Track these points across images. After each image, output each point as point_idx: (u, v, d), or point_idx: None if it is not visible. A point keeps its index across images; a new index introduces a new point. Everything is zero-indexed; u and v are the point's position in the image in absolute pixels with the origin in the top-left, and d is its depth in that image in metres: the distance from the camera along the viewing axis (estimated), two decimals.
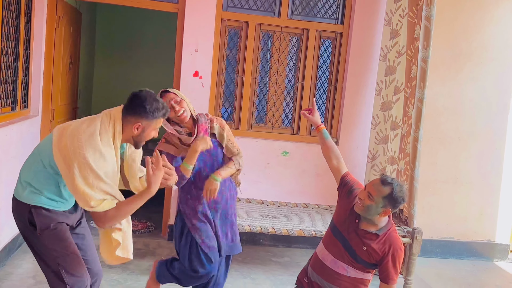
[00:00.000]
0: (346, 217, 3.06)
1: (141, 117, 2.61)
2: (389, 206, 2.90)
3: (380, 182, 2.90)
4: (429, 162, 5.33)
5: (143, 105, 2.59)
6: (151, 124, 2.65)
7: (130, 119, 2.63)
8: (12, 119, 4.39)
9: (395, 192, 2.86)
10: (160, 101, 2.63)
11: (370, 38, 5.31)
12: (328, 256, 3.09)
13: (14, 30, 4.36)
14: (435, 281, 4.90)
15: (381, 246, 2.96)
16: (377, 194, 2.87)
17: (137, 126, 2.62)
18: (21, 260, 4.40)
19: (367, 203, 2.89)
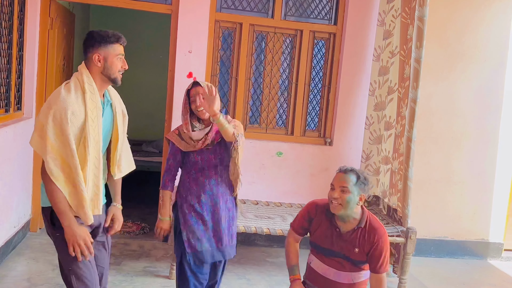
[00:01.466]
0: (327, 231, 3.07)
1: (95, 48, 2.65)
2: (361, 190, 2.96)
3: (343, 173, 2.98)
4: (422, 161, 5.35)
5: (92, 37, 2.67)
6: (109, 51, 2.67)
7: (89, 57, 2.66)
8: (6, 121, 4.38)
9: (361, 174, 2.96)
10: (109, 31, 2.71)
11: (364, 38, 5.33)
12: (329, 270, 3.09)
13: (7, 32, 4.35)
14: (430, 280, 4.92)
15: (368, 237, 2.98)
16: (348, 184, 2.92)
17: (97, 57, 2.64)
18: (15, 263, 4.39)
19: (345, 197, 2.92)
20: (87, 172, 2.55)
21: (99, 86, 2.69)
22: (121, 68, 2.75)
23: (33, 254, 4.62)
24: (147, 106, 8.33)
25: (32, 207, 5.08)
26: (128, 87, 8.39)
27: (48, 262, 4.44)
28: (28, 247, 4.75)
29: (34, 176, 5.06)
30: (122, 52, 2.75)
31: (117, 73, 2.72)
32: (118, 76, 2.73)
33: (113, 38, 2.69)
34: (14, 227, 4.62)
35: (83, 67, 2.66)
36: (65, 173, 2.50)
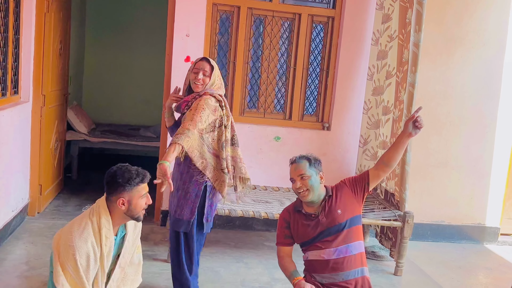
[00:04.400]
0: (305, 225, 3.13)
1: (120, 192, 2.63)
2: (318, 170, 3.11)
3: (295, 163, 3.11)
4: (420, 146, 5.35)
5: (116, 181, 2.62)
6: (133, 194, 2.64)
7: (112, 199, 2.66)
8: (3, 105, 4.36)
9: (311, 157, 3.13)
10: (132, 170, 2.64)
11: (362, 22, 5.30)
12: (329, 251, 3.11)
13: (2, 15, 4.31)
14: (426, 264, 4.95)
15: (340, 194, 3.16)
16: (304, 170, 3.06)
17: (121, 202, 2.64)
18: (14, 247, 4.40)
19: (308, 184, 3.05)
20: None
21: (119, 223, 2.73)
22: (145, 205, 2.73)
23: (31, 238, 4.63)
24: (145, 91, 8.30)
25: (30, 191, 5.08)
26: (125, 72, 8.38)
27: (47, 246, 4.45)
28: (26, 231, 4.76)
29: (32, 160, 5.06)
30: (147, 189, 2.71)
31: (141, 212, 2.72)
32: (141, 214, 2.73)
33: (138, 180, 2.64)
34: (12, 211, 4.62)
35: (104, 209, 2.66)
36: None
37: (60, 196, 5.87)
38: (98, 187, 6.23)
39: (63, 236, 2.63)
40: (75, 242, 2.56)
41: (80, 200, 5.82)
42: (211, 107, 3.39)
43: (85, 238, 2.59)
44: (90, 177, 6.79)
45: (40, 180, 5.19)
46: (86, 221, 2.64)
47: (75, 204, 5.67)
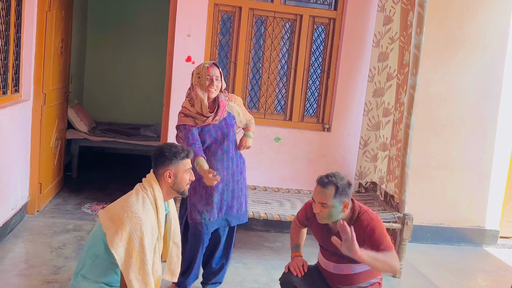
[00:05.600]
0: (322, 233, 3.12)
1: (167, 165, 2.80)
2: (344, 198, 2.91)
3: (321, 187, 2.90)
4: (420, 148, 5.35)
5: (163, 155, 2.80)
6: (179, 168, 2.81)
7: (160, 173, 2.81)
8: (3, 103, 4.36)
9: (340, 185, 2.88)
10: (178, 146, 2.84)
11: (363, 24, 5.30)
12: (329, 264, 3.15)
13: (4, 13, 4.31)
14: (426, 266, 4.95)
15: (359, 228, 2.93)
16: (327, 199, 2.88)
17: (168, 174, 2.80)
18: (13, 245, 4.40)
19: (326, 212, 2.91)
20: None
21: (166, 198, 2.86)
22: (189, 181, 2.88)
23: (30, 236, 4.63)
24: (145, 90, 8.30)
25: (30, 189, 5.08)
26: (126, 71, 8.38)
27: (46, 244, 4.46)
28: (25, 229, 4.77)
29: (32, 159, 5.06)
30: (190, 165, 2.88)
31: (186, 186, 2.88)
32: (186, 189, 2.89)
33: (183, 154, 2.82)
34: (12, 209, 4.62)
35: (154, 182, 2.80)
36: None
37: (60, 195, 5.87)
38: (98, 186, 6.31)
39: (120, 210, 2.71)
40: (140, 214, 2.68)
41: (80, 198, 5.82)
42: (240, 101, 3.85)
43: (147, 210, 2.72)
44: (90, 176, 6.79)
45: (40, 179, 5.19)
46: (143, 194, 2.76)
47: (75, 202, 5.67)
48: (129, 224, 2.65)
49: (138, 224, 2.65)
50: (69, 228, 4.88)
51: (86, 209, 5.50)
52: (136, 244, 2.64)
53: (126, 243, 2.63)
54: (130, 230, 2.65)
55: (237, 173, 3.71)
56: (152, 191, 2.78)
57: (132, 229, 2.65)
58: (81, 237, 4.70)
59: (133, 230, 2.64)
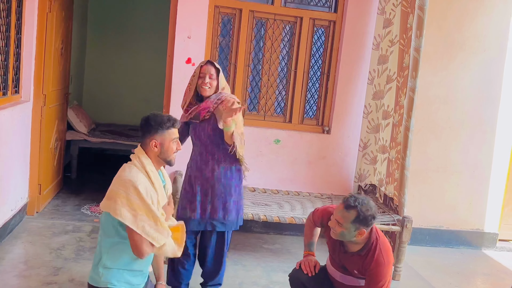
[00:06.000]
0: (334, 245, 3.14)
1: (152, 134, 2.80)
2: (362, 227, 2.89)
3: (344, 208, 2.89)
4: (420, 151, 5.36)
5: (149, 124, 2.80)
6: (165, 137, 2.81)
7: (147, 142, 2.81)
8: (3, 104, 4.36)
9: (362, 214, 2.85)
10: (164, 116, 2.83)
11: (363, 27, 5.31)
12: (336, 272, 3.19)
13: (5, 14, 4.32)
14: (424, 269, 4.95)
15: (366, 265, 2.96)
16: (344, 221, 2.88)
17: (154, 143, 2.79)
18: (12, 246, 4.40)
19: (338, 231, 2.91)
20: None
21: (155, 166, 2.87)
22: (176, 150, 2.88)
23: (30, 237, 4.63)
24: (145, 91, 8.31)
25: (30, 190, 5.08)
26: (126, 72, 8.39)
27: (45, 246, 4.46)
28: (25, 230, 4.76)
29: (32, 160, 5.06)
30: (177, 135, 2.88)
31: (172, 155, 2.88)
32: (173, 158, 2.89)
33: (169, 124, 2.81)
34: (11, 210, 4.62)
35: (141, 151, 2.82)
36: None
37: (59, 196, 5.87)
38: (97, 187, 6.30)
39: (112, 186, 2.74)
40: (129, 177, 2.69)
41: (79, 199, 5.82)
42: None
43: (135, 173, 2.73)
44: (89, 177, 6.79)
45: (40, 180, 5.19)
46: (129, 166, 2.79)
47: (74, 203, 5.67)
48: (123, 189, 2.67)
49: (130, 184, 2.67)
50: (68, 229, 4.88)
51: (85, 210, 5.50)
52: (136, 200, 2.65)
53: (127, 204, 2.64)
54: (125, 192, 2.66)
55: (225, 179, 3.59)
56: (139, 160, 2.79)
57: (127, 191, 2.66)
58: (80, 238, 4.70)
59: (128, 192, 2.66)
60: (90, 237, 4.75)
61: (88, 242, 4.63)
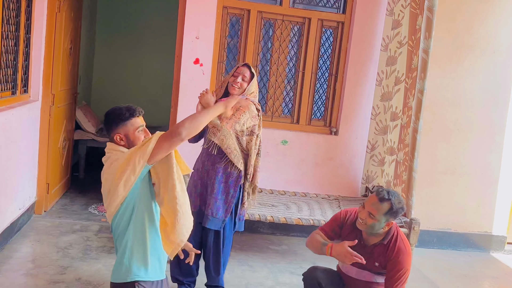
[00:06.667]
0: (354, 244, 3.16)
1: (114, 129, 2.66)
2: (391, 219, 3.03)
3: (378, 200, 2.99)
4: (428, 153, 5.34)
5: (109, 118, 2.68)
6: (128, 128, 2.66)
7: (112, 137, 2.69)
8: (12, 103, 4.38)
9: (395, 206, 2.99)
10: (122, 107, 2.69)
11: (372, 28, 5.30)
12: (351, 268, 3.22)
13: (15, 14, 4.34)
14: (432, 272, 4.93)
15: (388, 254, 3.07)
16: (377, 213, 2.99)
17: (118, 137, 2.66)
18: (20, 244, 4.42)
19: (369, 222, 3.01)
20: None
21: None
22: (144, 138, 2.71)
23: (37, 236, 4.65)
24: (153, 91, 8.32)
25: (38, 189, 5.10)
26: (134, 72, 8.41)
27: (53, 245, 4.47)
28: (32, 229, 4.79)
29: (40, 159, 5.08)
30: (142, 123, 2.73)
31: None
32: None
33: (128, 114, 2.67)
34: (20, 209, 4.65)
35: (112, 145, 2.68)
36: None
37: (67, 195, 5.89)
38: None
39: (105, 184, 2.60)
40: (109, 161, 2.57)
41: (86, 199, 5.83)
42: (252, 112, 3.62)
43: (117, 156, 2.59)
44: (97, 177, 6.74)
45: (48, 179, 5.22)
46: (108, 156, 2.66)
47: (82, 203, 5.69)
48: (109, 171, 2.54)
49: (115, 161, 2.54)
50: (76, 229, 4.90)
51: (92, 209, 5.52)
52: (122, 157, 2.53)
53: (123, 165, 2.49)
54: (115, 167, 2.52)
55: (223, 176, 3.63)
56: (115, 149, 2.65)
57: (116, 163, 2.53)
58: (88, 237, 4.72)
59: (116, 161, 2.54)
60: (97, 237, 4.76)
61: (95, 241, 4.65)
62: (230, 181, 3.64)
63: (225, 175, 3.63)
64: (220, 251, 3.73)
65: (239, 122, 3.55)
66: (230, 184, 3.64)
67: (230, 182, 3.64)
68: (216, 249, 3.73)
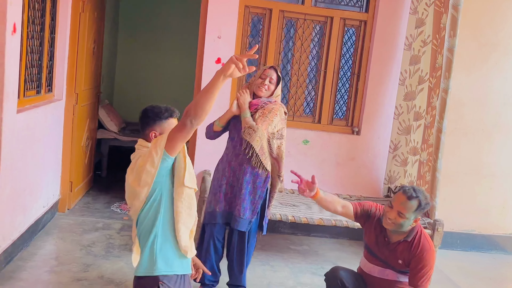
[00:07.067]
0: (376, 237, 3.20)
1: (151, 125, 2.72)
2: (419, 215, 3.07)
3: (407, 198, 3.03)
4: (451, 153, 5.25)
5: (147, 115, 2.74)
6: (164, 127, 2.70)
7: (146, 133, 2.73)
8: (37, 102, 4.44)
9: (423, 203, 3.03)
10: (162, 106, 2.75)
11: (395, 26, 5.24)
12: (374, 268, 3.24)
13: (40, 14, 4.40)
14: (455, 274, 4.86)
15: (412, 250, 3.09)
16: (407, 211, 3.02)
17: (153, 134, 2.70)
18: (44, 242, 4.48)
19: (399, 221, 3.04)
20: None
21: None
22: None
23: (61, 234, 4.71)
24: (174, 91, 8.36)
25: (61, 187, 5.16)
26: (156, 72, 8.47)
27: (76, 242, 4.52)
28: (56, 226, 4.85)
29: (64, 157, 5.14)
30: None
31: None
32: None
33: (167, 114, 2.73)
34: (44, 206, 4.71)
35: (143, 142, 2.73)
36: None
37: (90, 194, 5.96)
38: None
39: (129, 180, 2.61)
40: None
41: (109, 197, 5.89)
42: (282, 115, 3.69)
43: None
44: (119, 175, 6.85)
45: (71, 177, 5.28)
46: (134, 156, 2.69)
47: (104, 201, 5.74)
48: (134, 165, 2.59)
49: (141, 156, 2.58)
50: (99, 227, 4.95)
51: (115, 208, 5.57)
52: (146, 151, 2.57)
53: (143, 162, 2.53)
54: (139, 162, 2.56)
55: (250, 176, 3.65)
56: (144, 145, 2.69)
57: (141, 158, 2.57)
58: (110, 235, 4.76)
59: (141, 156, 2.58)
60: (119, 235, 4.80)
61: (117, 239, 4.69)
62: (258, 182, 3.66)
63: (253, 176, 3.65)
64: (244, 251, 3.74)
65: (271, 124, 3.62)
66: (258, 185, 3.66)
67: (258, 183, 3.66)
68: (241, 249, 3.74)
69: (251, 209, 3.67)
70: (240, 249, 3.74)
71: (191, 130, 2.45)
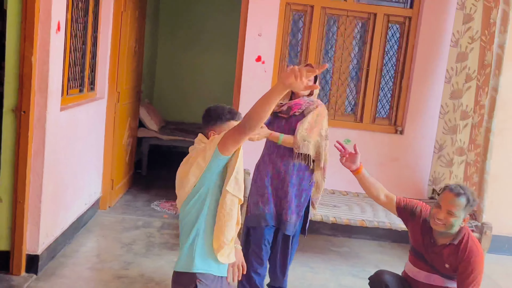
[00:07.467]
0: (422, 238, 3.09)
1: (211, 125, 2.70)
2: (468, 213, 2.97)
3: (455, 196, 2.93)
4: (500, 154, 5.03)
5: (209, 115, 2.72)
6: (224, 128, 2.66)
7: (206, 132, 2.73)
8: (80, 100, 4.49)
9: (471, 199, 2.93)
10: (225, 108, 2.73)
11: (441, 23, 5.08)
12: (419, 273, 3.13)
13: (83, 13, 4.44)
14: (504, 280, 4.67)
15: (460, 255, 2.97)
16: (457, 209, 2.91)
17: (211, 134, 2.68)
18: (86, 239, 4.53)
19: (450, 221, 2.92)
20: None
21: None
22: None
23: (102, 231, 4.75)
24: (215, 89, 8.37)
25: (102, 185, 5.22)
26: (196, 71, 8.49)
27: (117, 240, 4.56)
28: (97, 224, 4.89)
29: (105, 155, 5.19)
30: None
31: None
32: None
33: (229, 116, 2.70)
34: (85, 204, 4.76)
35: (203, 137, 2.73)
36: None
37: (130, 192, 6.00)
38: (166, 183, 6.38)
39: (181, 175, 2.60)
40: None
41: (149, 195, 5.92)
42: (326, 115, 3.66)
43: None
44: (159, 174, 6.91)
45: (112, 175, 5.32)
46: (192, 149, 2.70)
47: (145, 199, 5.77)
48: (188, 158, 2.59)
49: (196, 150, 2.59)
50: (139, 225, 4.97)
51: (155, 206, 5.59)
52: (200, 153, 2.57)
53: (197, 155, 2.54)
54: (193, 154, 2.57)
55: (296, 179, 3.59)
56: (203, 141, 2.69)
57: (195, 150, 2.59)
58: (150, 233, 4.77)
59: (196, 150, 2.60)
60: (159, 233, 4.81)
61: (158, 238, 4.70)
62: (303, 184, 3.60)
63: (299, 178, 3.59)
64: (288, 253, 3.69)
65: (323, 128, 3.58)
66: (303, 188, 3.60)
67: (304, 186, 3.60)
68: (285, 252, 3.69)
69: (297, 212, 3.61)
70: (284, 253, 3.69)
71: (245, 135, 2.43)
